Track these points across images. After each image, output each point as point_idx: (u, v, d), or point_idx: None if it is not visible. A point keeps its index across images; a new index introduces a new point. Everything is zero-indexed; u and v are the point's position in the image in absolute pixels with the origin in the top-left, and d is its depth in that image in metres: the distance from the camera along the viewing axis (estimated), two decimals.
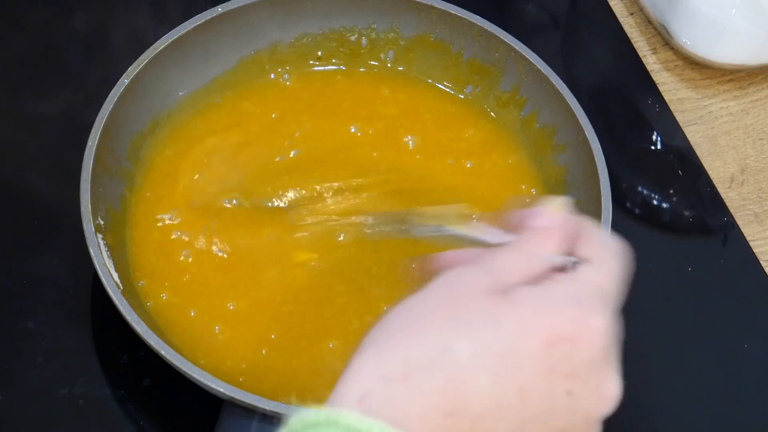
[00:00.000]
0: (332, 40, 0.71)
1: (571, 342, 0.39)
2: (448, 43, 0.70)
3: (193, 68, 0.67)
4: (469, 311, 0.39)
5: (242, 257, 0.62)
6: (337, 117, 0.69)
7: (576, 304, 0.40)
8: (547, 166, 0.68)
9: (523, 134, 0.70)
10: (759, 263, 0.72)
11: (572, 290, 0.41)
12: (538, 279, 0.41)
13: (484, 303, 0.39)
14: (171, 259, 0.62)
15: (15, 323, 0.63)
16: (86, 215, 0.57)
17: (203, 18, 0.66)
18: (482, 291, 0.40)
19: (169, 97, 0.67)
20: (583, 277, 0.41)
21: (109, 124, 0.61)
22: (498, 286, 0.40)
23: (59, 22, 0.77)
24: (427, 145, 0.69)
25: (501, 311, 0.39)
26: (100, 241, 0.57)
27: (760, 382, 0.68)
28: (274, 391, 0.56)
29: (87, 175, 0.58)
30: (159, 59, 0.64)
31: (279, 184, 0.65)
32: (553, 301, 0.40)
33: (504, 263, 0.42)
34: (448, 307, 0.39)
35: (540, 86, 0.68)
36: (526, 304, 0.39)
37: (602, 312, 0.40)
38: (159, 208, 0.64)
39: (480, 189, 0.68)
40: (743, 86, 0.81)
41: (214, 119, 0.68)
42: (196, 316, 0.60)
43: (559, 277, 0.41)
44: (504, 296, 0.40)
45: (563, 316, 0.39)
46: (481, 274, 0.41)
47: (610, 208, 0.62)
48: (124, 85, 0.62)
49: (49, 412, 0.60)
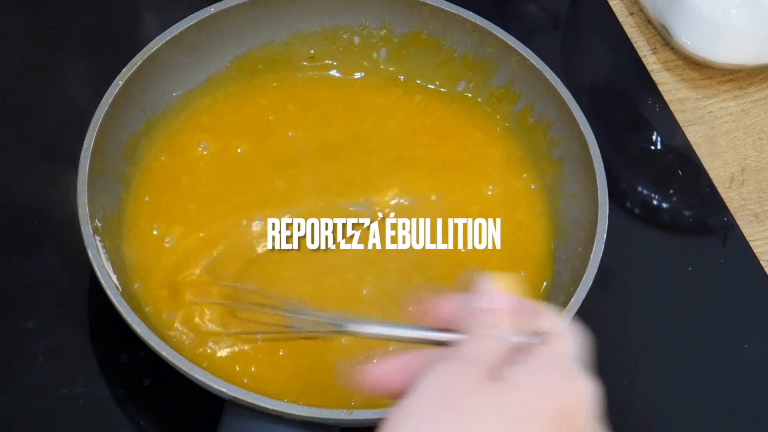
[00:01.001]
0: (325, 38, 0.71)
1: (571, 413, 0.40)
2: (440, 39, 0.70)
3: (187, 69, 0.67)
4: (473, 404, 0.39)
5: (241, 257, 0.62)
6: (330, 117, 0.69)
7: (564, 376, 0.41)
8: (542, 161, 0.68)
9: (518, 129, 0.70)
10: (759, 263, 0.72)
11: (557, 363, 0.42)
12: (510, 357, 0.42)
13: (484, 393, 0.40)
14: (166, 262, 0.62)
15: (15, 323, 0.63)
16: (84, 218, 0.57)
17: (196, 18, 0.66)
18: (475, 381, 0.40)
19: (163, 98, 0.67)
20: (558, 349, 0.42)
21: (104, 126, 0.61)
22: (485, 373, 0.40)
23: (56, 25, 0.77)
24: (423, 144, 0.69)
25: (503, 399, 0.39)
26: (98, 243, 0.57)
27: (760, 382, 0.68)
28: (278, 391, 0.57)
29: (84, 178, 0.58)
30: (152, 60, 0.64)
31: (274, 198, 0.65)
32: (546, 378, 0.41)
33: (476, 350, 0.42)
34: (450, 405, 0.39)
35: (533, 81, 0.68)
36: (523, 385, 0.40)
37: (586, 378, 0.41)
38: (155, 211, 0.64)
39: (476, 186, 0.68)
40: (743, 86, 0.81)
41: (209, 120, 0.68)
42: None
43: (538, 353, 0.42)
44: (499, 382, 0.40)
45: (559, 390, 0.40)
46: (463, 365, 0.41)
47: (606, 201, 0.62)
48: (118, 87, 0.62)
49: (49, 412, 0.60)
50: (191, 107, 0.68)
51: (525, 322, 0.43)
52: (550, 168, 0.68)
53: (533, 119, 0.69)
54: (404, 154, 0.68)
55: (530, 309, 0.44)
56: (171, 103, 0.67)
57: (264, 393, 0.53)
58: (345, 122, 0.69)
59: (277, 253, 0.62)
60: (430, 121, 0.70)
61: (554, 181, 0.67)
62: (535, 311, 0.44)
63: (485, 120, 0.71)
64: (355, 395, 0.56)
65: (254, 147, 0.67)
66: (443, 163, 0.68)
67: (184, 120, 0.68)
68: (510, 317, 0.43)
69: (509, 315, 0.43)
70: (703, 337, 0.69)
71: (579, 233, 0.63)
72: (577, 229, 0.64)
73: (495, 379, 0.40)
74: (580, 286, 0.58)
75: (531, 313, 0.44)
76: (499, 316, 0.43)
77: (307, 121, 0.69)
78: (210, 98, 0.69)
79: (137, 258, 0.61)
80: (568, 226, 0.65)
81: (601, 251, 0.60)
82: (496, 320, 0.43)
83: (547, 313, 0.44)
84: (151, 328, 0.54)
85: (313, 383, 0.58)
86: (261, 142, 0.67)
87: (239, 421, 0.53)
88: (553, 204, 0.67)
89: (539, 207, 0.67)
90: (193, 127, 0.68)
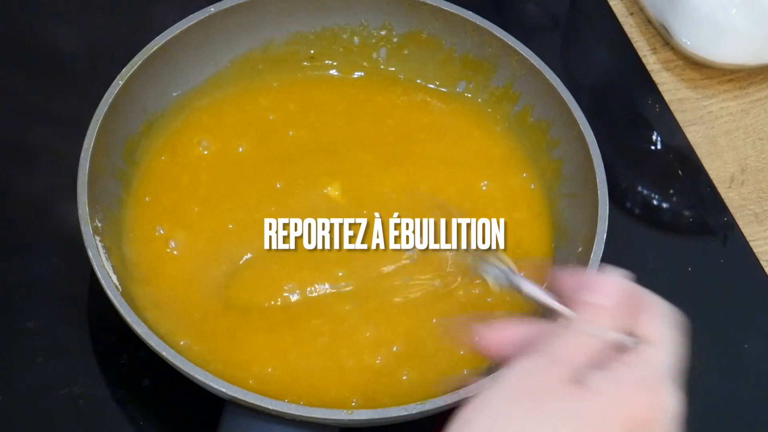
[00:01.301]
0: (325, 38, 0.71)
1: (647, 425, 0.41)
2: (440, 39, 0.70)
3: (186, 69, 0.67)
4: (551, 406, 0.40)
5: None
6: (330, 116, 0.69)
7: (648, 388, 0.41)
8: (542, 161, 0.68)
9: (518, 129, 0.70)
10: (759, 263, 0.72)
11: (642, 373, 0.42)
12: (602, 358, 0.42)
13: (564, 396, 0.40)
14: (168, 264, 0.61)
15: (15, 323, 0.63)
16: (84, 217, 0.57)
17: (196, 18, 0.66)
18: (557, 382, 0.41)
19: (162, 98, 0.67)
20: (649, 358, 0.43)
21: (104, 126, 0.61)
22: (569, 374, 0.41)
23: (54, 24, 0.77)
24: (421, 141, 0.69)
25: (581, 404, 0.40)
26: (98, 243, 0.57)
27: (760, 382, 0.68)
28: (279, 391, 0.57)
29: (84, 178, 0.58)
30: (152, 60, 0.64)
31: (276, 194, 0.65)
32: (627, 388, 0.41)
33: (568, 349, 0.42)
34: (529, 403, 0.40)
35: (533, 81, 0.68)
36: (603, 392, 0.40)
37: (670, 391, 0.42)
38: (156, 211, 0.64)
39: (475, 185, 0.68)
40: (743, 86, 0.81)
41: (209, 120, 0.68)
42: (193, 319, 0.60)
43: (627, 359, 0.42)
44: (581, 386, 0.41)
45: (638, 401, 0.41)
46: (550, 364, 0.42)
47: (606, 201, 0.62)
48: (118, 87, 0.62)
49: (49, 412, 0.60)
50: (191, 107, 0.68)
51: (628, 320, 0.44)
52: (550, 168, 0.68)
53: (533, 119, 0.69)
54: (403, 151, 0.68)
55: (639, 305, 0.44)
56: (171, 102, 0.67)
57: (265, 393, 0.53)
58: (345, 121, 0.69)
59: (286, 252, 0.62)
60: (429, 119, 0.70)
61: (554, 181, 0.67)
62: (644, 308, 0.44)
63: (485, 119, 0.71)
64: (464, 352, 0.58)
65: (255, 146, 0.67)
66: (443, 161, 0.68)
67: (184, 120, 0.68)
68: (611, 314, 0.44)
69: (611, 311, 0.44)
70: (703, 337, 0.69)
71: (579, 233, 0.63)
72: (577, 229, 0.64)
73: (578, 382, 0.41)
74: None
75: (637, 311, 0.44)
76: (601, 311, 0.44)
77: (307, 121, 0.69)
78: (210, 98, 0.69)
79: (138, 259, 0.61)
80: (568, 225, 0.65)
81: (601, 251, 0.60)
82: (596, 316, 0.43)
83: (656, 312, 0.45)
84: (151, 329, 0.54)
85: (313, 383, 0.58)
86: (261, 141, 0.67)
87: (239, 421, 0.53)
88: (553, 204, 0.67)
89: (539, 206, 0.67)
90: (193, 127, 0.67)
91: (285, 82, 0.70)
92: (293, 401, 0.53)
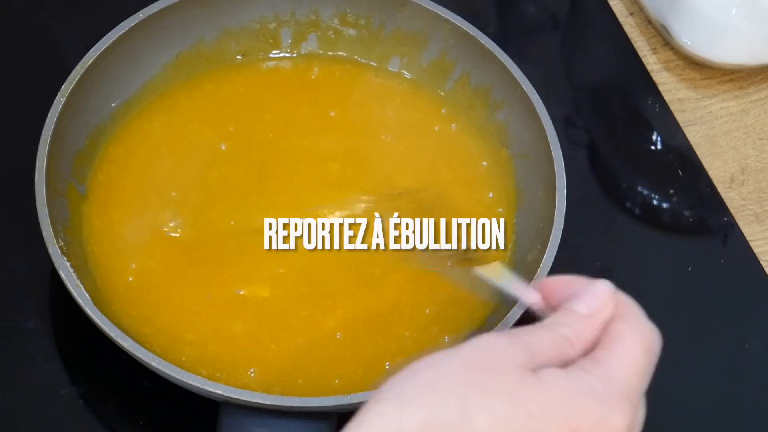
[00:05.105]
0: (254, 32, 0.71)
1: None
2: (369, 17, 0.70)
3: (122, 77, 0.67)
4: (496, 383, 0.39)
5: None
6: (268, 111, 0.69)
7: (600, 400, 0.40)
8: (487, 125, 0.68)
9: (458, 96, 0.70)
10: (759, 263, 0.72)
11: (600, 384, 0.41)
12: (569, 363, 0.42)
13: (513, 378, 0.39)
14: (130, 276, 0.62)
15: (15, 323, 0.63)
16: (49, 240, 0.56)
17: (127, 26, 0.65)
18: (513, 364, 0.40)
19: (103, 110, 0.66)
20: (609, 372, 0.41)
21: (52, 146, 0.60)
22: (527, 362, 0.40)
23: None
24: (363, 123, 0.69)
25: (527, 391, 0.39)
26: (66, 263, 0.57)
27: (760, 382, 0.68)
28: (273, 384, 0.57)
29: (42, 199, 0.57)
30: (90, 73, 0.63)
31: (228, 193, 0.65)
32: (579, 393, 0.40)
33: (541, 342, 0.42)
34: (477, 373, 0.40)
35: (468, 47, 0.68)
36: (553, 389, 0.40)
37: (623, 411, 0.40)
38: (112, 225, 0.63)
39: (426, 158, 0.68)
40: (743, 86, 0.81)
41: (148, 126, 0.68)
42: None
43: (588, 366, 0.41)
44: (533, 375, 0.40)
45: (585, 411, 0.39)
46: (515, 347, 0.41)
47: (561, 157, 0.62)
48: (61, 104, 0.61)
49: (49, 412, 0.60)
50: (130, 115, 0.68)
51: (612, 323, 0.43)
52: (496, 132, 0.68)
53: (472, 86, 0.69)
54: (352, 144, 0.68)
55: (626, 313, 0.44)
56: (111, 113, 0.67)
57: (260, 388, 0.53)
58: (284, 116, 0.69)
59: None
60: (367, 101, 0.70)
61: (503, 144, 0.67)
62: (629, 317, 0.44)
63: (423, 93, 0.71)
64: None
65: (197, 147, 0.67)
66: (387, 144, 0.68)
67: (125, 129, 0.67)
68: (600, 326, 0.43)
69: (601, 324, 0.43)
70: (703, 336, 0.69)
71: (537, 196, 0.64)
72: (535, 193, 0.64)
73: (533, 372, 0.40)
74: (546, 253, 0.58)
75: (624, 317, 0.44)
76: (591, 323, 0.43)
77: (247, 116, 0.69)
78: (147, 104, 0.68)
79: (101, 274, 0.61)
80: (526, 190, 0.66)
81: (564, 208, 0.60)
82: (586, 327, 0.43)
83: (632, 328, 0.44)
84: (136, 341, 0.54)
85: (308, 377, 0.59)
86: (203, 142, 0.67)
87: (237, 419, 0.53)
88: (509, 178, 0.67)
89: (496, 183, 0.67)
90: (134, 135, 0.67)
91: (220, 82, 0.70)
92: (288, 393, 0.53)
